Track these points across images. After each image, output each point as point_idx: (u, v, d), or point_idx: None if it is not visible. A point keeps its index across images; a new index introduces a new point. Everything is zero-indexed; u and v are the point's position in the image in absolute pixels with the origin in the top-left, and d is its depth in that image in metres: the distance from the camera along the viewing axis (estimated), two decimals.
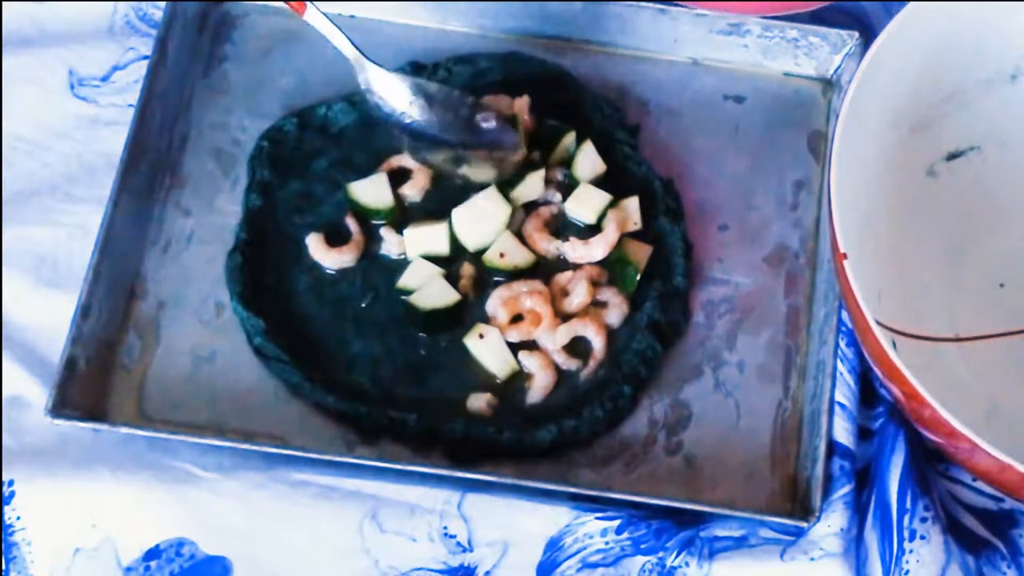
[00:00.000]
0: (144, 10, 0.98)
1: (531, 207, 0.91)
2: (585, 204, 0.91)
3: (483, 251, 0.90)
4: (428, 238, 0.90)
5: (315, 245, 0.90)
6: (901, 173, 0.89)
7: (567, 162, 0.92)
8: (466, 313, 0.89)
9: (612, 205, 0.90)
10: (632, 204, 0.91)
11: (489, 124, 0.90)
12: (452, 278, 0.89)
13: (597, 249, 0.89)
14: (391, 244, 0.91)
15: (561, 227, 0.92)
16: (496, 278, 0.90)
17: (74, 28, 0.98)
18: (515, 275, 0.90)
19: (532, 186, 0.91)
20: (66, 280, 0.89)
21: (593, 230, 0.91)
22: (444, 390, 0.88)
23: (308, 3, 0.89)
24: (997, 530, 0.85)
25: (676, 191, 0.93)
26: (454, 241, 0.90)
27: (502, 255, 0.89)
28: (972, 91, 0.90)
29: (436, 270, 0.89)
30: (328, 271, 0.90)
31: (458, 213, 0.90)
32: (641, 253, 0.90)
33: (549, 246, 0.90)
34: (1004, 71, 0.90)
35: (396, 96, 0.91)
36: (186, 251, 0.92)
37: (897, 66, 0.84)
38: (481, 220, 0.90)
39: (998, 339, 0.89)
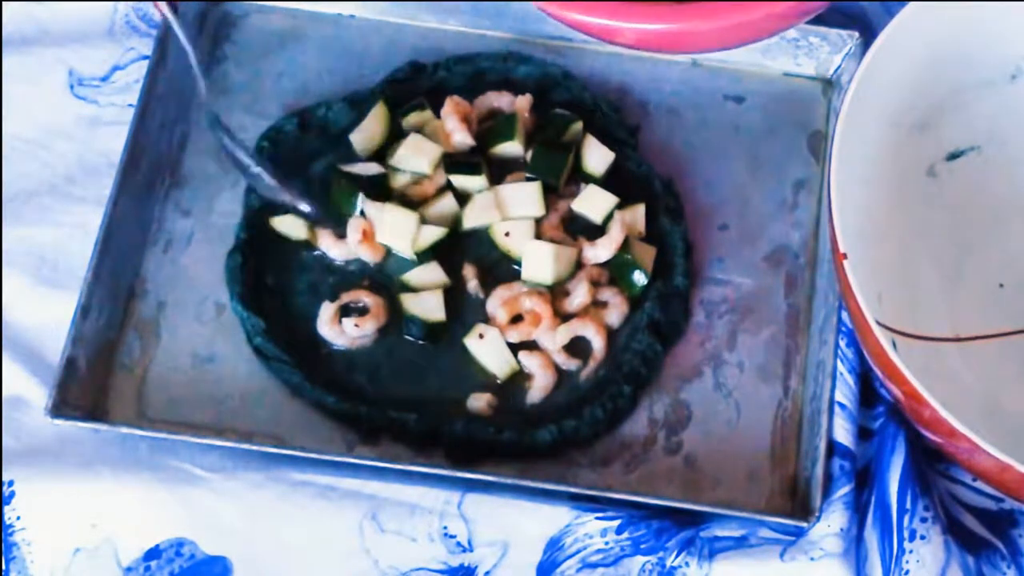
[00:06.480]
0: (144, 10, 0.98)
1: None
2: (592, 205, 0.90)
3: (482, 237, 0.90)
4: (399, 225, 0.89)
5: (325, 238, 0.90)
6: (901, 173, 0.89)
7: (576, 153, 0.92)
8: (447, 333, 0.88)
9: (618, 208, 0.90)
10: (639, 211, 0.91)
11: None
12: (455, 280, 0.89)
13: (603, 250, 0.89)
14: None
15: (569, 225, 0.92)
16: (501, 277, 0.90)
17: (74, 28, 0.98)
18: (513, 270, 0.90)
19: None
20: (66, 280, 0.89)
21: (596, 229, 0.91)
22: (444, 390, 0.87)
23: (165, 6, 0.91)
24: (997, 530, 0.85)
25: (676, 191, 0.93)
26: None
27: (507, 234, 0.89)
28: (972, 91, 0.90)
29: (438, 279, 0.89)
30: (333, 262, 0.90)
31: (503, 187, 0.90)
32: (646, 255, 0.90)
33: None
34: (1004, 71, 0.90)
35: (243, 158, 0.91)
36: (186, 251, 0.92)
37: (897, 66, 0.84)
38: (517, 203, 0.90)
39: (998, 339, 0.89)
